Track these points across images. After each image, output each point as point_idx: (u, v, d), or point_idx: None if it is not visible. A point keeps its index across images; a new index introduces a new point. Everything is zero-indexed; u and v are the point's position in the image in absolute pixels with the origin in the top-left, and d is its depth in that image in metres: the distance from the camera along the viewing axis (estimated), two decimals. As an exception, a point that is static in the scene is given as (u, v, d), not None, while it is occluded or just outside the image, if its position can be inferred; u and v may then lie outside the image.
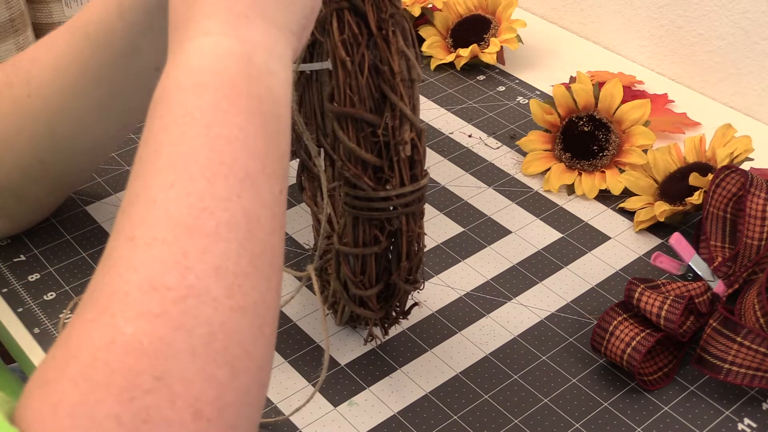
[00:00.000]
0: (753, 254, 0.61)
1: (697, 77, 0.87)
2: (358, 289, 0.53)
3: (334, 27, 0.48)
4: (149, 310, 0.31)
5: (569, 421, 0.56)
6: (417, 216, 0.52)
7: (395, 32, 0.48)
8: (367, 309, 0.55)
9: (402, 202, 0.50)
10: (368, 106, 0.48)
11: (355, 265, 0.53)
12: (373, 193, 0.49)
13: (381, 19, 0.48)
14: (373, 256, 0.52)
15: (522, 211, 0.72)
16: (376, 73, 0.48)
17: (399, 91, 0.48)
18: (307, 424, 0.56)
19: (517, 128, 0.81)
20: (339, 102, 0.48)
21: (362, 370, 0.59)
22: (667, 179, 0.71)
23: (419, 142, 0.50)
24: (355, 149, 0.49)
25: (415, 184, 0.50)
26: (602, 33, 0.93)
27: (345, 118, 0.48)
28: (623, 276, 0.66)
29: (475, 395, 0.58)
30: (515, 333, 0.62)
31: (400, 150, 0.48)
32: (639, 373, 0.58)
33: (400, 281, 0.53)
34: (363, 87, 0.48)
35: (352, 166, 0.49)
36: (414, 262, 0.53)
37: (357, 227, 0.51)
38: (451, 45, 0.89)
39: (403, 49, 0.49)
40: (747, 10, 0.80)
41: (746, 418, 0.56)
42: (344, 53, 0.48)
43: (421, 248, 0.53)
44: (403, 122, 0.48)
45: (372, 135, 0.49)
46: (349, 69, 0.48)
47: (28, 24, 0.85)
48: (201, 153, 0.35)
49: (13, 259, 0.68)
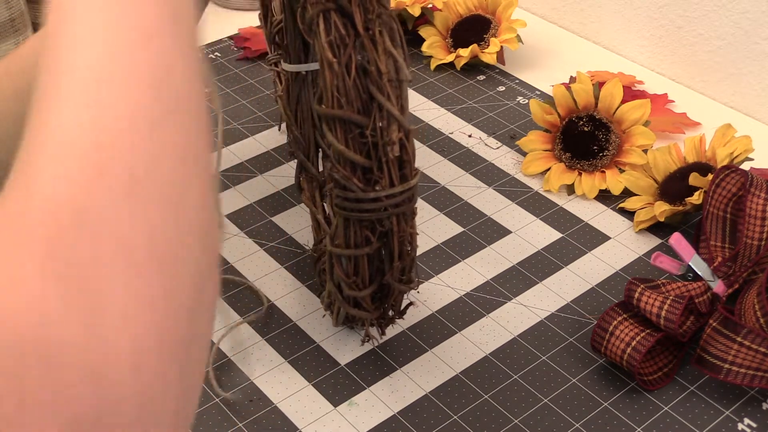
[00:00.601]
0: (753, 254, 0.61)
1: (697, 77, 0.87)
2: (352, 290, 0.53)
3: (321, 28, 0.48)
4: (66, 169, 0.30)
5: (569, 421, 0.56)
6: (408, 216, 0.51)
7: (382, 32, 0.48)
8: (362, 310, 0.55)
9: (392, 203, 0.50)
10: (356, 107, 0.48)
11: (348, 267, 0.53)
12: (362, 194, 0.49)
13: (368, 20, 0.48)
14: (366, 257, 0.52)
15: (522, 211, 0.72)
16: (363, 74, 0.48)
17: (386, 91, 0.48)
18: (307, 424, 0.56)
19: (517, 128, 0.81)
20: (327, 104, 0.48)
21: (362, 370, 0.59)
22: (667, 179, 0.71)
23: (408, 142, 0.49)
24: (344, 151, 0.48)
25: (404, 184, 0.50)
26: (602, 33, 0.93)
27: (333, 119, 0.48)
28: (623, 276, 0.66)
29: (475, 395, 0.58)
30: (515, 333, 0.62)
31: (389, 150, 0.48)
32: (639, 373, 0.58)
33: (393, 281, 0.53)
34: (351, 88, 0.48)
35: (342, 167, 0.49)
36: (407, 262, 0.53)
37: (348, 228, 0.51)
38: (451, 45, 0.89)
39: (390, 50, 0.48)
40: (747, 10, 0.80)
41: (746, 418, 0.56)
42: (331, 55, 0.48)
43: (414, 248, 0.53)
44: (391, 123, 0.48)
45: (360, 136, 0.49)
46: (336, 70, 0.48)
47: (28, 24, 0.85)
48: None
49: (13, 259, 0.68)
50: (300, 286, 0.66)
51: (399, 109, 0.49)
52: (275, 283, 0.66)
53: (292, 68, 0.65)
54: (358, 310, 0.55)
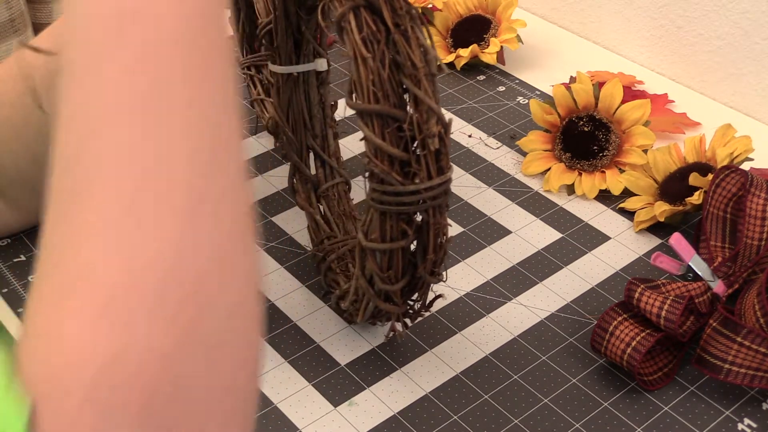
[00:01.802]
0: (753, 254, 0.61)
1: (697, 77, 0.87)
2: (385, 284, 0.53)
3: (353, 25, 0.48)
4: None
5: (569, 421, 0.56)
6: (443, 208, 0.52)
7: (414, 27, 0.49)
8: (392, 304, 0.55)
9: (430, 195, 0.50)
10: (392, 101, 0.49)
11: (382, 260, 0.53)
12: (401, 187, 0.50)
13: (397, 16, 0.49)
14: (400, 251, 0.52)
15: (522, 211, 0.72)
16: (396, 68, 0.49)
17: (423, 85, 0.48)
18: (307, 424, 0.56)
19: (517, 128, 0.81)
20: (362, 99, 0.49)
21: (362, 370, 0.59)
22: (667, 179, 0.71)
23: (445, 135, 0.50)
24: (383, 145, 0.49)
25: (441, 176, 0.50)
26: (602, 33, 0.93)
27: (370, 114, 0.49)
28: (623, 276, 0.66)
29: (475, 395, 0.58)
30: (515, 333, 0.62)
31: (429, 143, 0.49)
32: (639, 373, 0.58)
33: (425, 274, 0.53)
34: (386, 82, 0.48)
35: (380, 161, 0.49)
36: (440, 255, 0.53)
37: (385, 222, 0.51)
38: (451, 45, 0.89)
39: (423, 43, 0.49)
40: (747, 10, 0.80)
41: (746, 418, 0.56)
42: (365, 50, 0.48)
43: (446, 240, 0.53)
44: (430, 116, 0.49)
45: (397, 130, 0.49)
46: (371, 66, 0.48)
47: (28, 24, 0.85)
48: None
49: (13, 259, 0.68)
50: (300, 286, 0.66)
51: (435, 102, 0.49)
52: (275, 283, 0.66)
53: (283, 70, 0.65)
54: (389, 304, 0.55)
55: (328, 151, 0.68)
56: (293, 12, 0.63)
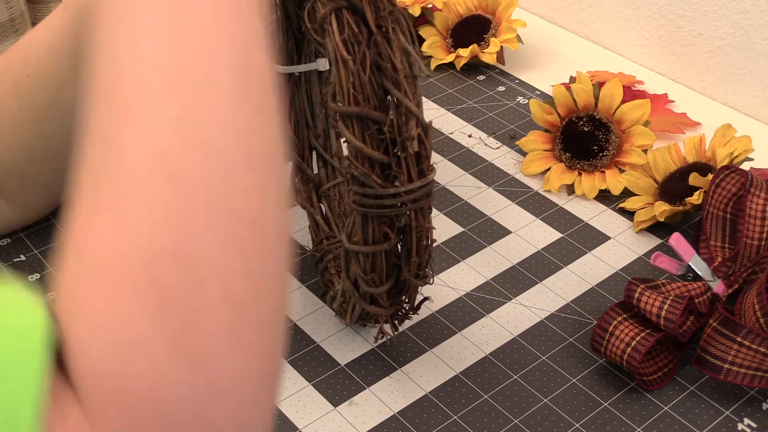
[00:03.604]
0: (753, 254, 0.61)
1: (697, 77, 0.87)
2: (369, 286, 0.53)
3: (334, 26, 0.48)
4: (159, 193, 0.29)
5: (569, 421, 0.56)
6: (426, 211, 0.52)
7: (395, 29, 0.48)
8: (378, 306, 0.55)
9: (411, 198, 0.50)
10: (373, 103, 0.48)
11: (366, 263, 0.53)
12: (382, 190, 0.50)
13: (380, 17, 0.48)
14: (383, 253, 0.52)
15: (522, 211, 0.72)
16: (378, 70, 0.49)
17: (403, 87, 0.48)
18: (307, 424, 0.56)
19: (517, 128, 0.81)
20: (343, 101, 0.49)
21: (362, 370, 0.59)
22: (667, 179, 0.71)
23: (426, 138, 0.50)
24: (363, 147, 0.49)
25: (422, 179, 0.50)
26: (602, 33, 0.93)
27: (350, 117, 0.49)
28: (623, 276, 0.66)
29: (475, 395, 0.58)
30: (515, 333, 0.62)
31: (408, 146, 0.49)
32: (639, 373, 0.58)
33: (410, 277, 0.53)
34: (366, 85, 0.48)
35: (360, 164, 0.49)
36: (424, 258, 0.53)
37: (366, 225, 0.51)
38: (451, 45, 0.89)
39: (405, 46, 0.49)
40: (747, 10, 0.80)
41: (746, 418, 0.56)
42: (346, 52, 0.48)
43: (431, 243, 0.53)
44: (409, 118, 0.48)
45: (378, 132, 0.49)
46: (351, 68, 0.48)
47: (28, 24, 0.85)
48: None
49: (13, 259, 0.68)
50: (300, 286, 0.66)
51: (416, 104, 0.49)
52: (275, 283, 0.66)
53: (284, 70, 0.65)
54: (375, 306, 0.55)
55: (330, 151, 0.68)
56: (293, 12, 0.63)
